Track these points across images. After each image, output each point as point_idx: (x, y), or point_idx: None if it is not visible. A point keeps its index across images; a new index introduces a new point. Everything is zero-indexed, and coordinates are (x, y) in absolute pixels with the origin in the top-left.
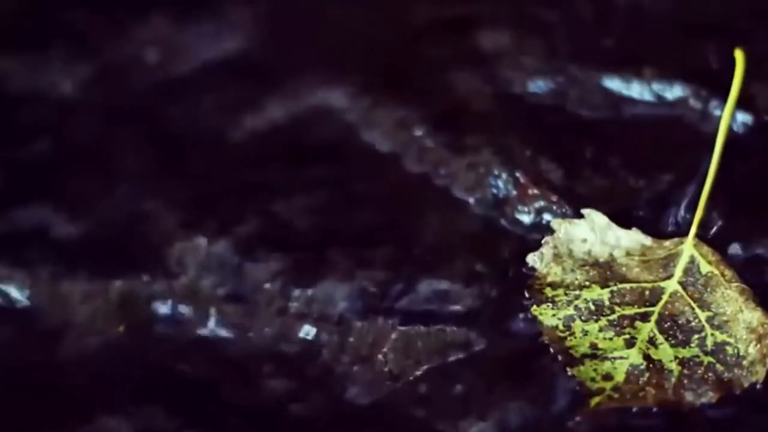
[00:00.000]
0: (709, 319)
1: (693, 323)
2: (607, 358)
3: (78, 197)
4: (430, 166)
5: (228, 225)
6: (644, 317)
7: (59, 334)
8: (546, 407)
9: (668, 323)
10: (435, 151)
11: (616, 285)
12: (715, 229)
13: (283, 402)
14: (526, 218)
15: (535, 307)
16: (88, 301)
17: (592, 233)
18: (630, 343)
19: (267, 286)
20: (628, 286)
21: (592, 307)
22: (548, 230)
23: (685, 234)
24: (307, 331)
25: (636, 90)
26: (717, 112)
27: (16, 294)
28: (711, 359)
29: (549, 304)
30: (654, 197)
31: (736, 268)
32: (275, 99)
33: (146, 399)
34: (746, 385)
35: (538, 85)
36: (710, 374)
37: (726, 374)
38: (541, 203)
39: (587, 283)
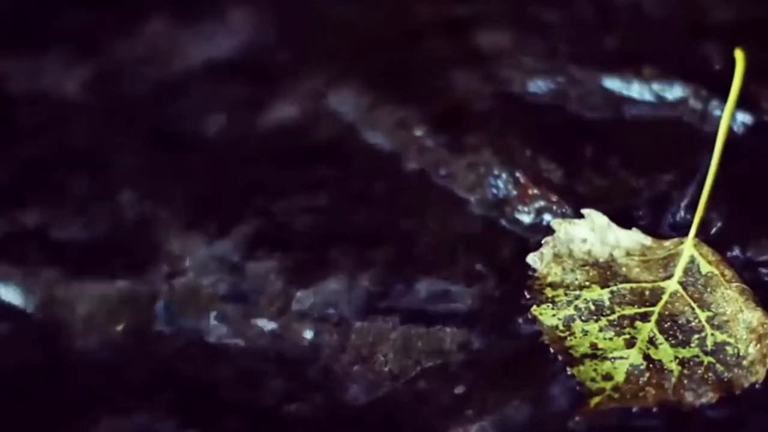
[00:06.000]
0: (709, 319)
1: (693, 323)
2: (607, 358)
3: (78, 197)
4: (430, 166)
5: (228, 225)
6: (644, 317)
7: (59, 334)
8: (546, 407)
9: (668, 323)
10: (435, 151)
11: (616, 285)
12: (715, 229)
13: (283, 402)
14: (526, 218)
15: (535, 307)
16: (88, 301)
17: (592, 233)
18: (630, 343)
19: (267, 286)
20: (628, 286)
21: (592, 307)
22: (548, 230)
23: (685, 234)
24: (307, 331)
25: (636, 90)
26: (717, 112)
27: (16, 294)
28: (711, 359)
29: (549, 304)
30: (654, 197)
31: (736, 268)
32: (275, 99)
33: (146, 399)
34: (746, 385)
35: (538, 85)
36: (710, 374)
37: (726, 374)
38: (541, 203)
39: (587, 283)
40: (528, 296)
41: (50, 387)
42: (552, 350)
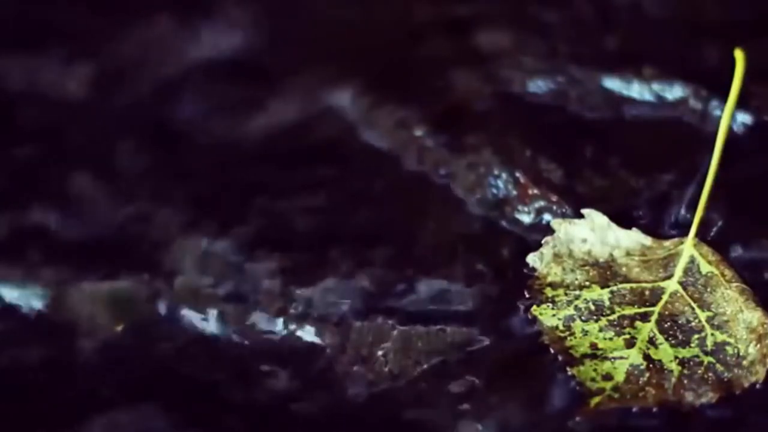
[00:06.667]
0: (709, 319)
1: (693, 323)
2: (607, 358)
3: (78, 197)
4: (430, 166)
5: (228, 225)
6: (644, 317)
7: (59, 334)
8: (546, 407)
9: (668, 323)
10: (435, 151)
11: (616, 285)
12: (715, 229)
13: (284, 402)
14: (526, 218)
15: (535, 307)
16: (88, 301)
17: (592, 233)
18: (630, 343)
19: (267, 286)
20: (628, 286)
21: (592, 307)
22: (548, 230)
23: (685, 234)
24: (307, 331)
25: (636, 90)
26: (717, 112)
27: (16, 294)
28: (711, 359)
29: (549, 304)
30: (654, 197)
31: (736, 268)
32: (275, 99)
33: (146, 399)
34: (746, 385)
35: (538, 85)
36: (710, 374)
37: (726, 374)
38: (541, 203)
39: (587, 283)
40: (528, 296)
41: (50, 387)
42: (552, 350)
